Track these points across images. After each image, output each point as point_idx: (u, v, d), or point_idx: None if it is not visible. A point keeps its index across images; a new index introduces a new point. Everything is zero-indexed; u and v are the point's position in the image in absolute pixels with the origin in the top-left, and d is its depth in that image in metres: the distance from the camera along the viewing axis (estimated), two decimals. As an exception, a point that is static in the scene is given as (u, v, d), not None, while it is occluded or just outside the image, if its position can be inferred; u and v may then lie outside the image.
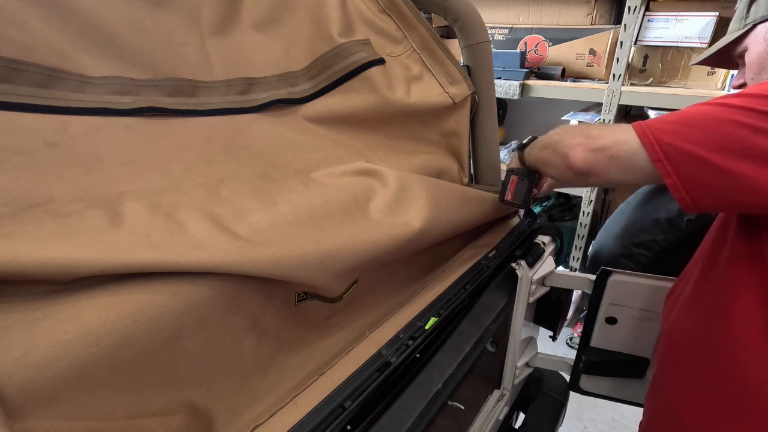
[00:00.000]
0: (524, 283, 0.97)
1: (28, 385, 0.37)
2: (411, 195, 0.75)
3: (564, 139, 0.70)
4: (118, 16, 0.62)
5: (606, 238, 1.28)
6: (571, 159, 0.66)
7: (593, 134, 0.65)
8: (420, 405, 0.71)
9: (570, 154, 0.66)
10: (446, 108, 0.98)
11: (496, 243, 0.95)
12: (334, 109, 0.84)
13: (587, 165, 0.65)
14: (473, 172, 1.14)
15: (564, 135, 0.71)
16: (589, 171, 0.65)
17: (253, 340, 0.58)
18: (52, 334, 0.38)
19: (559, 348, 2.18)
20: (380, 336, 0.67)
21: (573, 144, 0.67)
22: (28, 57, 0.52)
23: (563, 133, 0.72)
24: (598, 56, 2.02)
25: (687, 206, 0.58)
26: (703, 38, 1.74)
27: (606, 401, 1.12)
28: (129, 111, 0.60)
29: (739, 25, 0.70)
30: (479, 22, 1.03)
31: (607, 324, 1.00)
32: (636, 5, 1.75)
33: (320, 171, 0.75)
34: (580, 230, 2.23)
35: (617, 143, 0.62)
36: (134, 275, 0.44)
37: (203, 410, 0.53)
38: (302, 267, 0.55)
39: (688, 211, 0.59)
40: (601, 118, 1.97)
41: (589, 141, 0.65)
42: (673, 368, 0.77)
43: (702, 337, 0.70)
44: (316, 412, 0.53)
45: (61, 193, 0.48)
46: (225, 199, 0.60)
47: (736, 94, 0.57)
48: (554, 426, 1.16)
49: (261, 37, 0.80)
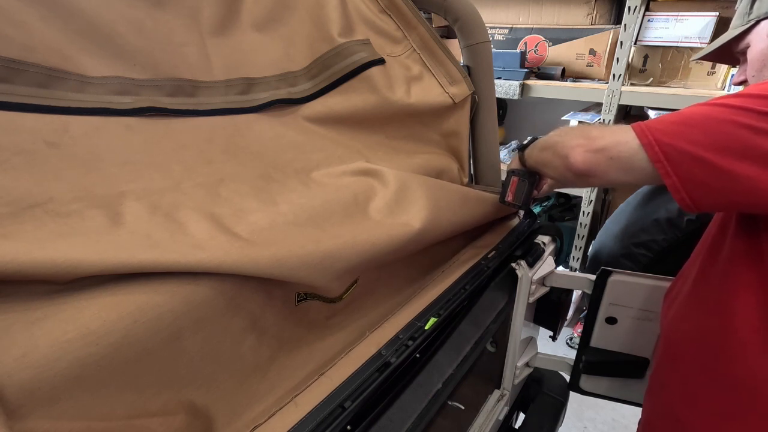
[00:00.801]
0: (524, 283, 0.97)
1: (28, 385, 0.37)
2: (411, 195, 0.75)
3: (564, 141, 0.70)
4: (118, 16, 0.62)
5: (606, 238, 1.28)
6: (571, 160, 0.66)
7: (593, 135, 0.65)
8: (420, 405, 0.71)
9: (570, 155, 0.66)
10: (446, 108, 0.98)
11: (496, 243, 0.95)
12: (334, 109, 0.84)
13: (587, 166, 0.65)
14: (473, 172, 1.14)
15: (564, 136, 0.71)
16: (589, 172, 0.65)
17: (253, 340, 0.58)
18: (52, 334, 0.38)
19: (559, 348, 2.18)
20: (380, 336, 0.67)
21: (573, 145, 0.67)
22: (28, 57, 0.52)
23: (563, 134, 0.72)
24: (598, 56, 2.02)
25: (687, 206, 0.58)
26: (703, 38, 1.74)
27: (606, 401, 1.12)
28: (129, 111, 0.60)
29: (742, 21, 0.70)
30: (479, 22, 1.03)
31: (607, 324, 1.00)
32: (636, 5, 1.75)
33: (320, 171, 0.75)
34: (580, 230, 2.23)
35: (617, 144, 0.62)
36: (134, 275, 0.44)
37: (203, 410, 0.52)
38: (302, 267, 0.55)
39: (688, 211, 0.59)
40: (601, 118, 1.97)
41: (589, 142, 0.65)
42: (671, 367, 0.77)
43: (701, 336, 0.70)
44: (316, 413, 0.53)
45: (61, 193, 0.48)
46: (225, 199, 0.60)
47: (736, 94, 0.57)
48: (554, 426, 1.16)
49: (261, 37, 0.80)
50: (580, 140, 0.66)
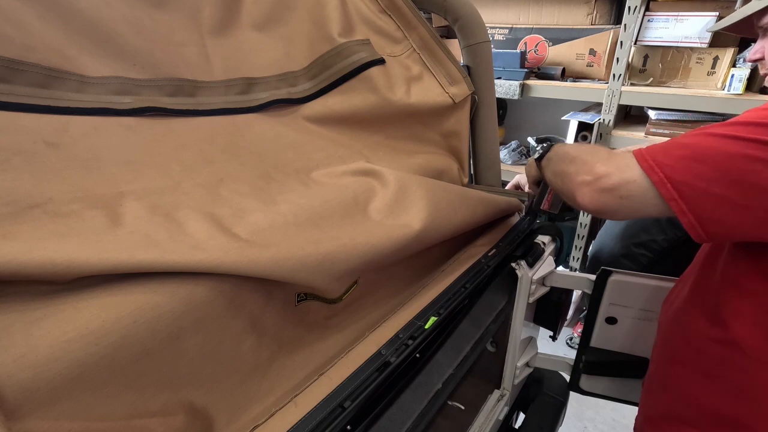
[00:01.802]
0: (524, 283, 0.97)
1: (28, 385, 0.37)
2: (411, 196, 0.75)
3: (570, 173, 0.67)
4: (118, 16, 0.62)
5: (606, 238, 1.28)
6: (578, 200, 0.64)
7: (598, 172, 0.61)
8: (420, 405, 0.71)
9: (577, 194, 0.64)
10: (446, 108, 0.98)
11: (495, 242, 0.95)
12: (334, 109, 0.84)
13: (596, 206, 0.62)
14: (473, 173, 1.14)
15: (570, 166, 0.68)
16: (599, 211, 0.63)
17: (253, 340, 0.58)
18: (52, 334, 0.38)
19: (559, 348, 2.18)
20: (380, 336, 0.67)
21: (578, 182, 0.64)
22: (28, 57, 0.52)
23: (569, 162, 0.69)
24: (598, 56, 2.02)
25: (701, 240, 0.57)
26: (703, 38, 1.74)
27: (606, 401, 1.12)
28: (129, 111, 0.60)
29: None
30: (479, 22, 1.03)
31: (607, 324, 0.99)
32: (636, 5, 1.75)
33: (320, 171, 0.75)
34: (580, 230, 2.23)
35: (626, 183, 0.59)
36: (134, 275, 0.44)
37: (203, 410, 0.52)
38: (301, 268, 0.55)
39: (701, 242, 0.57)
40: (601, 118, 1.97)
41: (596, 180, 0.61)
42: (669, 368, 0.77)
43: (699, 338, 0.70)
44: (316, 412, 0.53)
45: (60, 193, 0.48)
46: (225, 199, 0.60)
47: (744, 123, 0.55)
48: (554, 426, 1.16)
49: (261, 37, 0.80)
50: (586, 177, 0.63)
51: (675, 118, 1.87)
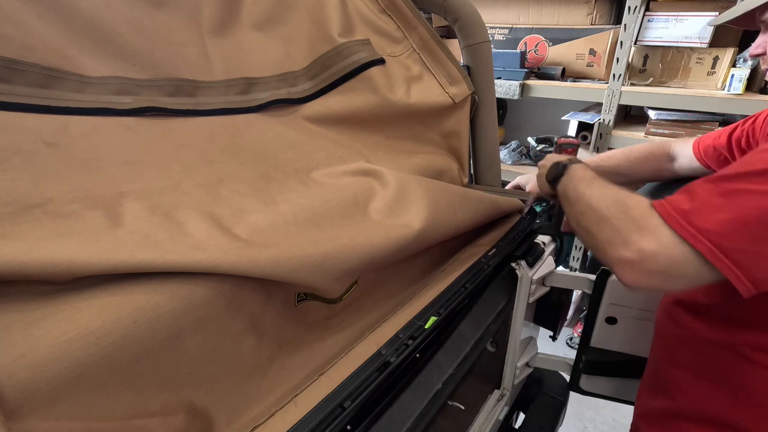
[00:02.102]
0: (524, 283, 0.97)
1: (28, 385, 0.37)
2: (411, 196, 0.75)
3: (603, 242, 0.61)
4: (118, 16, 0.62)
5: (606, 239, 1.28)
6: (620, 278, 0.59)
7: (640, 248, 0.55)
8: (420, 405, 0.71)
9: (617, 272, 0.59)
10: (446, 108, 0.98)
11: (495, 242, 0.95)
12: (334, 109, 0.84)
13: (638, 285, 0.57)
14: (473, 173, 1.14)
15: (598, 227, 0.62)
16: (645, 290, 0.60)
17: (253, 340, 0.58)
18: (52, 334, 0.38)
19: (559, 348, 2.18)
20: (380, 336, 0.67)
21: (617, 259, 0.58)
22: (28, 57, 0.52)
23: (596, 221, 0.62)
24: (598, 56, 2.02)
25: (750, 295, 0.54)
26: (703, 38, 1.74)
27: (606, 401, 1.12)
28: (129, 111, 0.60)
29: None
30: (479, 22, 1.03)
31: (607, 324, 0.99)
32: (636, 5, 1.75)
33: (320, 171, 0.75)
34: (580, 230, 2.22)
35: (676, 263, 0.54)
36: (134, 275, 0.44)
37: (203, 410, 0.52)
38: (301, 269, 0.55)
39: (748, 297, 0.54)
40: (601, 118, 1.97)
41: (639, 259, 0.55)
42: (667, 368, 0.77)
43: (697, 339, 0.70)
44: (316, 412, 0.53)
45: (60, 193, 0.48)
46: (225, 199, 0.60)
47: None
48: (554, 426, 1.16)
49: (261, 37, 0.80)
50: (624, 252, 0.57)
51: (675, 118, 1.87)
